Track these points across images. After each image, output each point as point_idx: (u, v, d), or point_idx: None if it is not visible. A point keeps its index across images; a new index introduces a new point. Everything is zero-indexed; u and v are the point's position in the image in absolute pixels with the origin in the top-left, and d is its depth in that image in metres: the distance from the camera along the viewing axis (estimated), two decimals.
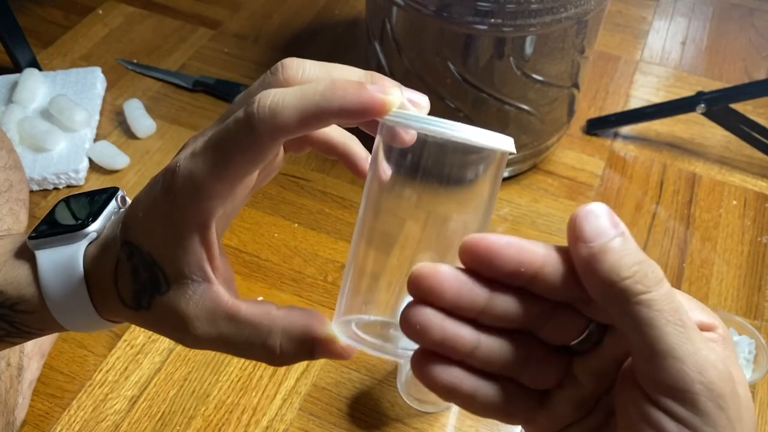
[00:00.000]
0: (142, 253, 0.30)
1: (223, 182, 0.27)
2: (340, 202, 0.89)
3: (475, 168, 0.28)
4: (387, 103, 0.26)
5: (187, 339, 0.30)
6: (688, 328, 0.23)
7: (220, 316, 0.29)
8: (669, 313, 0.23)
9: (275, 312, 0.29)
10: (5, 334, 0.34)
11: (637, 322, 0.23)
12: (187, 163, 0.28)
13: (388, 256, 0.29)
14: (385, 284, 0.28)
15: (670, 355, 0.23)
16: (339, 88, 0.26)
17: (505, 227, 0.88)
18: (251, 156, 0.27)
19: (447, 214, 0.28)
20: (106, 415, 0.69)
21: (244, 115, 0.26)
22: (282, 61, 0.29)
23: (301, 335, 0.29)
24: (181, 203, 0.28)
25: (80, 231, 0.32)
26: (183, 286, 0.29)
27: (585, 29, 0.77)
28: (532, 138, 0.87)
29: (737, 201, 0.92)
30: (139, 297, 0.30)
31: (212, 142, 0.28)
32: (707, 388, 0.23)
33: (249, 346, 0.29)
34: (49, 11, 1.17)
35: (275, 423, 0.69)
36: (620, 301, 0.23)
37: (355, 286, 0.29)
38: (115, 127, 0.98)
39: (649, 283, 0.23)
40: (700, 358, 0.23)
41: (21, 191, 0.72)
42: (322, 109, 0.26)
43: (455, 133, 0.26)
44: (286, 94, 0.26)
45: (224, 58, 1.10)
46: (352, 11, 1.19)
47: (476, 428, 0.69)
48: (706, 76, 1.12)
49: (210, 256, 0.29)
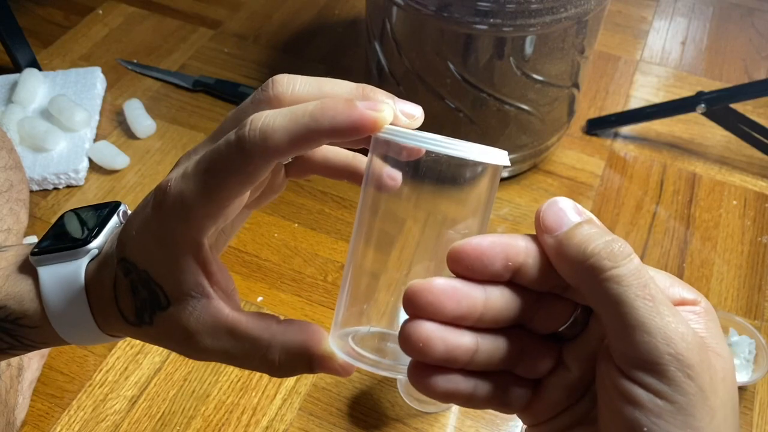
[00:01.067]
0: (138, 271, 0.30)
1: (213, 204, 0.27)
2: (340, 202, 0.89)
3: (469, 180, 0.28)
4: (378, 120, 0.26)
5: (192, 352, 0.30)
6: (657, 302, 0.24)
7: (222, 330, 0.29)
8: (637, 288, 0.24)
9: (275, 327, 0.30)
10: (8, 347, 0.34)
11: (606, 298, 0.24)
12: (178, 183, 0.28)
13: (384, 265, 0.29)
14: (383, 291, 0.28)
15: (639, 329, 0.23)
16: (329, 108, 0.26)
17: (505, 227, 0.88)
18: (242, 178, 0.27)
19: (443, 222, 0.29)
20: (106, 416, 0.69)
21: (236, 138, 0.27)
22: (272, 78, 0.29)
23: (299, 351, 0.29)
24: (172, 223, 0.28)
25: (82, 248, 0.32)
26: (183, 303, 0.29)
27: (585, 29, 0.77)
28: (532, 138, 0.87)
29: (737, 201, 0.92)
30: (140, 313, 0.30)
31: (203, 163, 0.28)
32: (675, 358, 0.23)
33: (249, 359, 0.30)
34: (49, 11, 1.17)
35: (275, 423, 0.69)
36: (590, 279, 0.24)
37: (352, 295, 0.29)
38: (115, 127, 0.98)
39: (617, 259, 0.24)
40: (669, 330, 0.23)
41: (21, 191, 0.72)
42: (312, 131, 0.26)
43: (448, 151, 0.26)
44: (277, 116, 0.26)
45: (224, 58, 1.10)
46: (352, 11, 1.19)
47: (476, 428, 0.69)
48: (706, 76, 1.12)
49: (207, 272, 0.29)
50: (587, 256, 0.24)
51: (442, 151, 0.26)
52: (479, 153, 0.26)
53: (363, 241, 0.29)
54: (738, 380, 0.71)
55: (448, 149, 0.26)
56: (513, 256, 0.26)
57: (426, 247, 0.29)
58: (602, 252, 0.24)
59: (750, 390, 0.73)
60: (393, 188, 0.28)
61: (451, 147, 0.26)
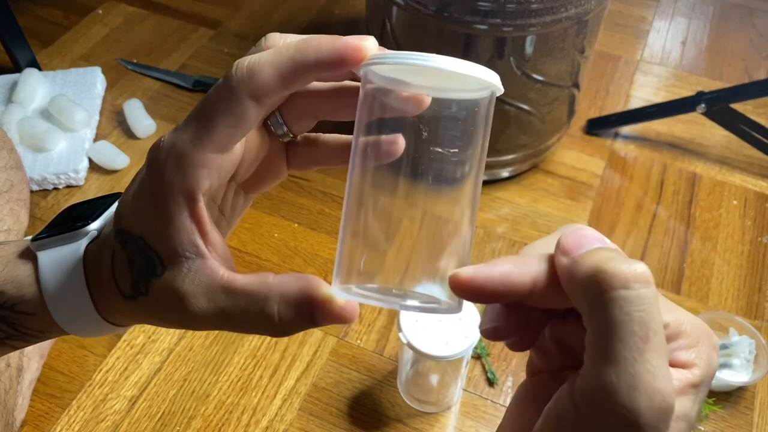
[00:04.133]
0: (134, 238, 0.29)
1: (205, 148, 0.27)
2: (340, 202, 0.89)
3: (464, 122, 0.27)
4: (362, 48, 0.26)
5: (187, 319, 0.29)
6: (649, 344, 0.21)
7: (217, 290, 0.29)
8: (638, 323, 0.21)
9: (271, 279, 0.29)
10: (5, 337, 0.34)
11: (602, 318, 0.22)
12: (170, 136, 0.28)
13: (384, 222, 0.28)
14: (386, 238, 0.27)
15: (613, 365, 0.21)
16: (313, 40, 0.26)
17: (505, 227, 0.87)
18: (232, 120, 0.27)
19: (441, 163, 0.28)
20: (106, 416, 0.69)
21: (223, 80, 0.27)
22: (266, 35, 0.29)
23: (298, 299, 0.28)
24: (166, 176, 0.28)
25: (80, 230, 0.32)
26: (178, 265, 0.29)
27: (585, 29, 0.77)
28: (532, 138, 0.87)
29: (737, 201, 0.92)
30: (136, 284, 0.30)
31: (194, 111, 0.28)
32: (631, 411, 0.21)
33: (247, 316, 0.29)
34: (49, 11, 1.17)
35: (275, 423, 0.69)
36: (594, 295, 0.22)
37: (351, 247, 0.28)
38: (115, 127, 0.98)
39: (629, 281, 0.22)
40: (641, 383, 0.21)
41: (22, 191, 0.72)
42: (298, 63, 0.26)
43: (437, 65, 0.25)
44: (263, 54, 0.27)
45: (224, 57, 1.10)
46: (352, 11, 1.19)
47: (476, 428, 0.69)
48: (707, 76, 1.12)
49: (202, 231, 0.29)
50: (599, 271, 0.22)
51: (433, 66, 0.25)
52: (482, 71, 0.25)
53: (358, 191, 0.28)
54: (738, 380, 0.71)
55: (438, 63, 0.25)
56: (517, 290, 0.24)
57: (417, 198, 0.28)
58: (616, 270, 0.22)
59: (750, 390, 0.73)
60: (395, 155, 0.28)
61: (441, 62, 0.25)
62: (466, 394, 0.71)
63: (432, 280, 0.27)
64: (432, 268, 0.27)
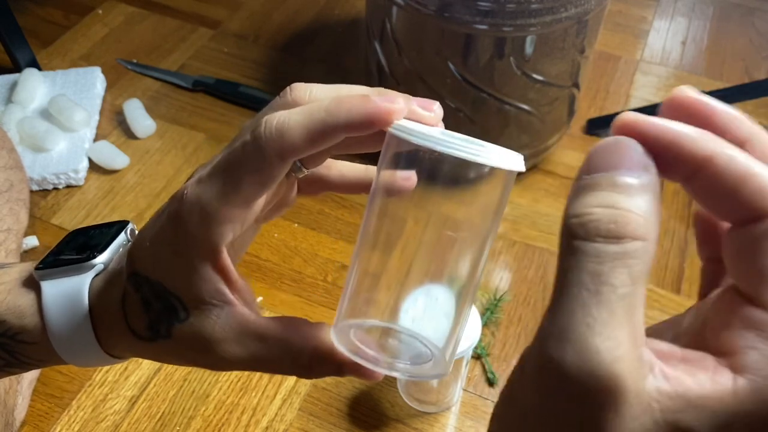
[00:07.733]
0: (151, 283, 0.29)
1: (232, 206, 0.27)
2: (340, 202, 0.89)
3: (481, 180, 0.27)
4: (392, 111, 0.26)
5: (214, 362, 0.30)
6: (599, 298, 0.19)
7: (250, 336, 0.29)
8: (588, 273, 0.19)
9: (304, 329, 0.30)
10: (4, 364, 0.33)
11: (559, 262, 0.20)
12: (195, 188, 0.27)
13: (389, 258, 0.29)
14: (385, 285, 0.28)
15: (550, 310, 0.19)
16: (344, 102, 0.26)
17: (505, 227, 0.87)
18: (260, 178, 0.27)
19: (444, 223, 0.28)
20: (106, 416, 0.69)
21: (252, 137, 0.26)
22: (290, 85, 0.29)
23: (329, 354, 0.29)
24: (190, 230, 0.28)
25: (86, 263, 0.32)
26: (205, 312, 0.29)
27: (585, 29, 0.77)
28: (532, 138, 0.87)
29: None
30: (155, 327, 0.30)
31: (220, 166, 0.27)
32: (556, 362, 0.19)
33: (280, 363, 0.29)
34: (49, 11, 1.17)
35: (275, 423, 0.69)
36: (564, 236, 0.20)
37: (357, 286, 0.29)
38: (115, 127, 0.98)
39: (591, 235, 0.19)
40: (573, 334, 0.19)
41: (21, 191, 0.72)
42: (328, 125, 0.26)
43: (461, 153, 0.25)
44: (293, 113, 0.26)
45: (224, 57, 1.10)
46: (352, 11, 1.19)
47: (476, 428, 0.69)
48: (707, 76, 1.12)
49: (227, 279, 0.29)
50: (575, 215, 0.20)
51: (457, 155, 0.25)
52: (497, 158, 0.25)
53: (373, 227, 0.28)
54: None
55: (462, 152, 0.25)
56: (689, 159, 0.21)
57: (431, 240, 0.28)
58: (584, 221, 0.20)
59: None
60: (408, 189, 0.28)
61: (466, 150, 0.25)
62: (466, 394, 0.71)
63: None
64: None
